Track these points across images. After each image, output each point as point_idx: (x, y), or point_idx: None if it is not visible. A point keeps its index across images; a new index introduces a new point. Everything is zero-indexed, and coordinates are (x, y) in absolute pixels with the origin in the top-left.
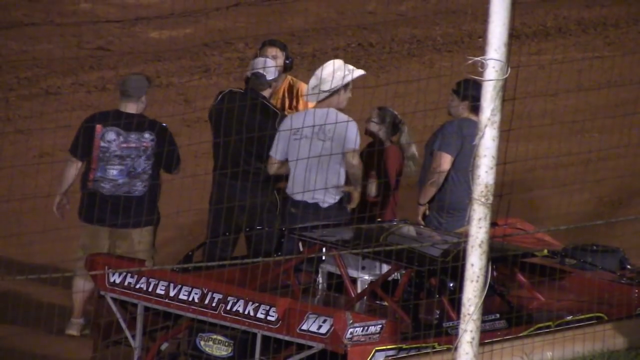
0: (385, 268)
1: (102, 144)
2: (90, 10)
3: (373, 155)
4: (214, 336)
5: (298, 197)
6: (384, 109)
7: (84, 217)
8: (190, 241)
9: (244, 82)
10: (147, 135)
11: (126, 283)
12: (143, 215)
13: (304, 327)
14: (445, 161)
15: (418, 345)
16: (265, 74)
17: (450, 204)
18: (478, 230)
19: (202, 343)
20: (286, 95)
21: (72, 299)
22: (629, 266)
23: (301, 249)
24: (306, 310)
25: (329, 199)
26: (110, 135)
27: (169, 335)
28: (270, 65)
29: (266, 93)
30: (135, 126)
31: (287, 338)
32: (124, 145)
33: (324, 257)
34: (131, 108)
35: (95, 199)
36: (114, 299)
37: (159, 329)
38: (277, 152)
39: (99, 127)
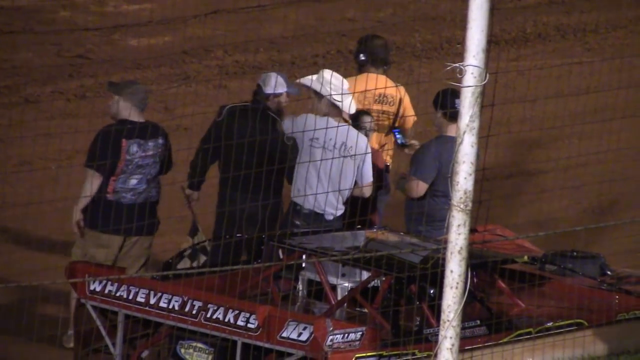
0: (365, 275)
1: (127, 157)
2: (69, 19)
3: None
4: (194, 344)
5: (306, 206)
6: (364, 113)
7: (104, 227)
8: (171, 249)
9: (252, 95)
10: (160, 140)
11: (106, 291)
12: (157, 220)
13: (284, 334)
14: (421, 188)
15: (398, 352)
16: (263, 86)
17: (430, 215)
18: (457, 236)
19: (183, 351)
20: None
21: (70, 311)
22: (609, 272)
23: (281, 256)
24: (286, 317)
25: (334, 211)
26: (134, 148)
27: (149, 343)
28: (273, 79)
29: (270, 104)
30: (150, 134)
31: (267, 345)
32: (143, 154)
33: (303, 264)
34: (141, 116)
35: (113, 209)
36: (94, 307)
37: (139, 336)
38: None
39: (124, 141)
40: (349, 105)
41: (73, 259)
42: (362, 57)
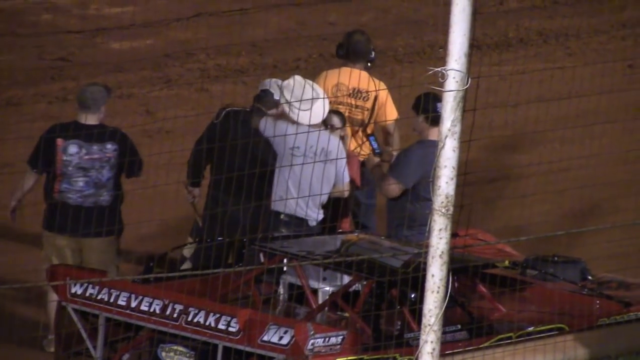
0: (347, 279)
1: (65, 157)
2: (51, 21)
3: None
4: (175, 347)
5: (289, 211)
6: (338, 113)
7: (50, 227)
8: (151, 252)
9: (253, 100)
10: (109, 145)
11: (87, 294)
12: (112, 225)
13: (265, 338)
14: (397, 191)
15: (379, 356)
16: (273, 92)
17: (412, 219)
18: (439, 241)
19: (164, 354)
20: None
21: (48, 315)
22: (590, 277)
23: (262, 260)
24: (267, 321)
25: (316, 216)
26: (72, 149)
27: (130, 346)
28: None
29: (272, 112)
30: (96, 137)
31: (248, 349)
32: (87, 157)
33: (285, 268)
34: (91, 119)
35: (62, 209)
36: (75, 310)
37: (120, 339)
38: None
39: (59, 141)
40: (308, 117)
41: (41, 261)
42: (340, 51)
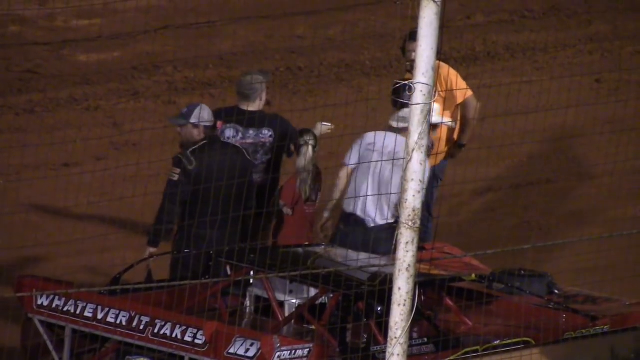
0: (313, 292)
1: (222, 140)
2: (18, 33)
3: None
4: (142, 359)
5: (347, 210)
6: (307, 131)
7: None
8: (119, 264)
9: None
10: (265, 131)
11: (54, 305)
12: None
13: (232, 350)
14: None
15: None
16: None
17: None
18: (405, 254)
19: None
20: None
21: None
22: (556, 291)
23: (229, 272)
24: (234, 333)
25: (379, 220)
26: (229, 132)
27: (96, 358)
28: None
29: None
30: (253, 122)
31: None
32: (242, 141)
33: (251, 281)
34: (250, 106)
35: None
36: (42, 322)
37: (86, 351)
38: (351, 159)
39: (219, 124)
40: None
41: None
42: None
